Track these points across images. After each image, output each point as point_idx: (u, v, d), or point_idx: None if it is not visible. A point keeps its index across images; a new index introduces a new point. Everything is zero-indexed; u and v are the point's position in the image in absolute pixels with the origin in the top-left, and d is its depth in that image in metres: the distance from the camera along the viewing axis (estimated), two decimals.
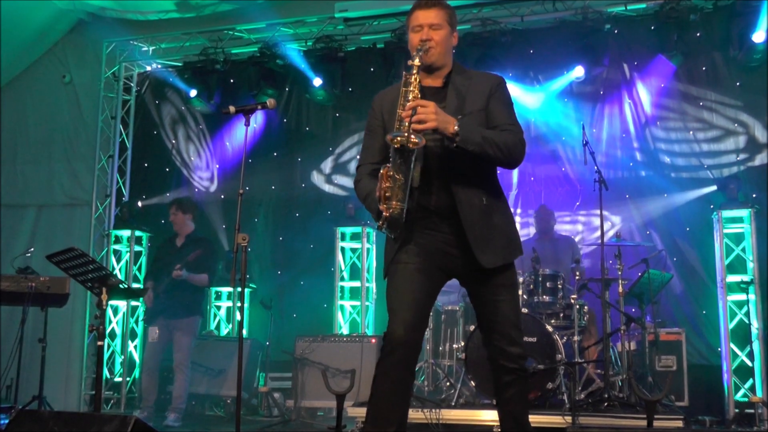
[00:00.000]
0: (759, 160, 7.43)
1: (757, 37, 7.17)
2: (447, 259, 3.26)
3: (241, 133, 8.77)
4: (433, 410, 5.65)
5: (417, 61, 3.16)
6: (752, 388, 6.66)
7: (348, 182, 8.63)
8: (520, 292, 6.09)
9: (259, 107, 4.21)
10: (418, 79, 3.14)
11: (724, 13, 7.54)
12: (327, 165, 8.82)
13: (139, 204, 9.04)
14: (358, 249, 8.16)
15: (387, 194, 3.03)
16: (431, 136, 3.09)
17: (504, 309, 3.26)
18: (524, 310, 5.93)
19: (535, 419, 3.37)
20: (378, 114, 3.38)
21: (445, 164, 3.19)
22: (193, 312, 7.02)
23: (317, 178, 8.83)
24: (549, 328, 5.95)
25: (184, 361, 6.89)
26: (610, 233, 7.09)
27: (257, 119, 8.81)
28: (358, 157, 8.54)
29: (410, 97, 3.09)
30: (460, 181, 3.20)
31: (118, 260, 8.89)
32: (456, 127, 3.05)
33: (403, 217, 3.05)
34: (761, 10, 7.16)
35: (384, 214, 3.04)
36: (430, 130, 3.03)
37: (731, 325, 6.90)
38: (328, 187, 8.78)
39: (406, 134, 2.97)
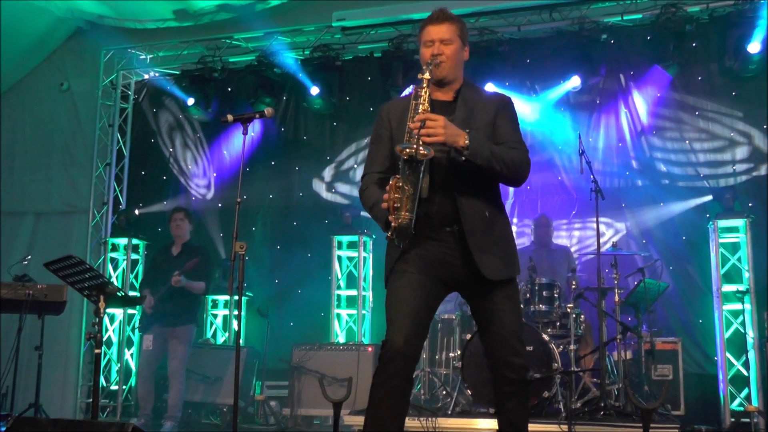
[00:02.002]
0: (755, 170, 7.46)
1: (753, 47, 7.21)
2: (448, 269, 3.25)
3: (239, 141, 8.79)
4: (430, 419, 5.66)
5: (427, 75, 3.19)
6: (748, 397, 6.67)
7: (345, 191, 8.64)
8: None
9: (257, 116, 4.23)
10: (428, 93, 3.17)
11: (720, 24, 7.57)
12: (324, 174, 8.82)
13: (136, 212, 9.03)
14: (354, 257, 8.17)
15: (396, 205, 3.04)
16: (439, 147, 3.11)
17: (506, 319, 3.24)
18: None
19: (531, 428, 3.37)
20: (386, 122, 3.38)
21: (449, 175, 3.20)
22: (188, 320, 7.02)
23: (315, 187, 8.82)
24: (545, 336, 5.97)
25: (179, 369, 6.89)
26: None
27: (255, 128, 8.81)
28: (355, 165, 8.62)
29: (420, 110, 3.12)
30: (464, 191, 3.21)
31: (115, 268, 8.89)
32: (466, 141, 3.07)
33: (411, 227, 3.06)
34: (757, 20, 7.20)
35: (393, 224, 3.06)
36: (439, 143, 3.06)
37: (727, 334, 6.91)
38: (325, 196, 8.78)
39: (414, 146, 2.99)
